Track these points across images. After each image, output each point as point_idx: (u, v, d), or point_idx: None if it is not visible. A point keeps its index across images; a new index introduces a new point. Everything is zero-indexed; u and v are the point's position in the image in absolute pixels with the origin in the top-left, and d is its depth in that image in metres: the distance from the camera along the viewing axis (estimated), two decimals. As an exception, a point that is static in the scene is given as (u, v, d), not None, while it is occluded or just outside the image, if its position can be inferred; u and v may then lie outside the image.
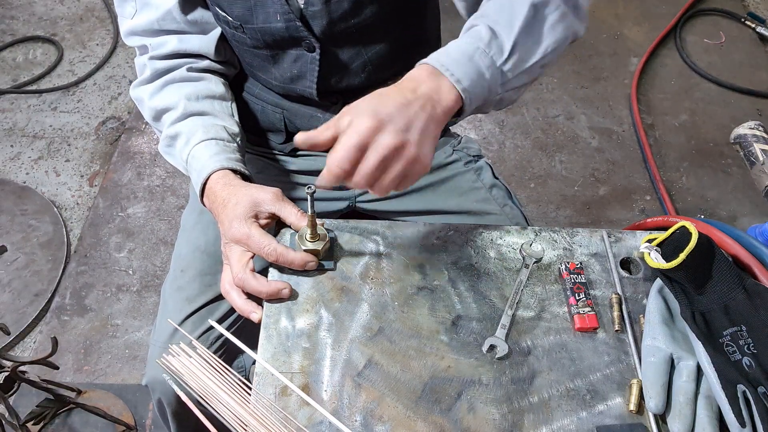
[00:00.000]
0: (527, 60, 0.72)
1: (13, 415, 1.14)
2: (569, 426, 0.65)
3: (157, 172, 2.05)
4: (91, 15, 2.56)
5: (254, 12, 0.82)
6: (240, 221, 0.73)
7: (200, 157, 0.80)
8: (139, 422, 1.47)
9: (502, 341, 0.70)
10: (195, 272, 0.94)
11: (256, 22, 0.83)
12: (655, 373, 0.66)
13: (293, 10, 0.81)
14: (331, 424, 0.63)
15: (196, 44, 0.87)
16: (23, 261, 1.79)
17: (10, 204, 1.92)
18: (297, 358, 0.68)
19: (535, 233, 0.81)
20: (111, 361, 1.62)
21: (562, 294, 0.76)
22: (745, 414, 0.61)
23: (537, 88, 2.37)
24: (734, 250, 0.76)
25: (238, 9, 0.82)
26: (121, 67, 2.36)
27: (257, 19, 0.82)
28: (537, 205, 2.02)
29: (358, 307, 0.73)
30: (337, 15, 0.82)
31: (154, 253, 1.84)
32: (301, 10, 0.82)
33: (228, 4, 0.82)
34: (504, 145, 2.19)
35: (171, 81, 0.87)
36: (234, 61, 0.95)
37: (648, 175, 2.10)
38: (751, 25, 2.58)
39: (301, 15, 0.82)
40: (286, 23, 0.82)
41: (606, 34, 2.59)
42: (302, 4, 0.81)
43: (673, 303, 0.73)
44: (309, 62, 0.87)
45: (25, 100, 2.24)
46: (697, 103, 2.34)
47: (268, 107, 0.98)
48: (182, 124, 0.84)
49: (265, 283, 0.71)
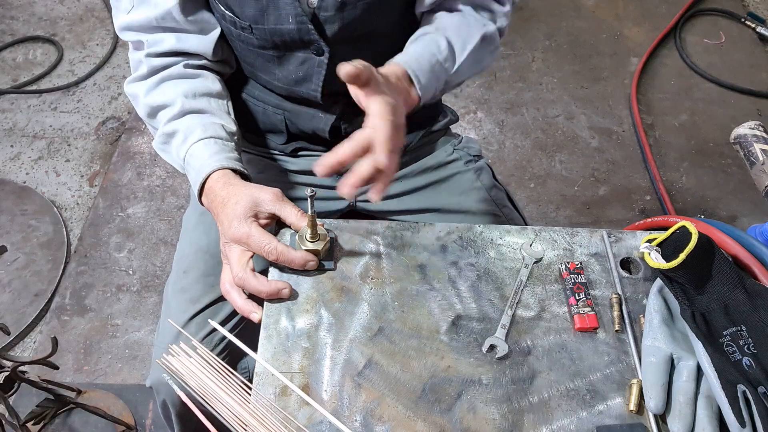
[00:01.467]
0: (465, 76, 0.88)
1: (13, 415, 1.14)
2: (569, 426, 0.65)
3: (157, 172, 2.05)
4: (91, 15, 2.56)
5: (266, 13, 0.81)
6: (240, 220, 0.73)
7: (199, 155, 0.80)
8: (139, 422, 1.47)
9: (502, 341, 0.70)
10: (198, 273, 0.93)
11: (268, 23, 0.82)
12: (655, 373, 0.66)
13: (306, 13, 0.81)
14: (331, 424, 0.63)
15: (195, 44, 0.87)
16: (23, 261, 1.79)
17: (10, 204, 1.92)
18: (297, 358, 0.68)
19: (535, 233, 0.81)
20: (111, 361, 1.62)
21: (562, 294, 0.76)
22: (745, 414, 0.61)
23: (537, 88, 2.37)
24: (734, 250, 0.76)
25: (250, 10, 0.82)
26: (121, 68, 2.36)
27: (269, 20, 0.82)
28: (537, 205, 2.02)
29: (358, 307, 0.73)
30: (348, 21, 0.83)
31: (154, 253, 1.84)
32: (313, 12, 0.82)
33: (239, 5, 0.82)
34: (504, 145, 2.19)
35: (168, 78, 0.86)
36: (231, 61, 0.95)
37: (648, 175, 2.10)
38: (751, 25, 2.58)
39: (313, 18, 0.82)
40: (298, 25, 0.82)
41: (606, 34, 2.59)
42: (315, 9, 0.82)
43: (673, 303, 0.73)
44: (316, 66, 0.87)
45: (25, 100, 2.24)
46: (697, 103, 2.34)
47: (269, 108, 0.98)
48: (179, 121, 0.83)
49: (265, 283, 0.71)
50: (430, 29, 0.85)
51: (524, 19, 2.63)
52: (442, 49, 0.82)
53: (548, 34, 2.58)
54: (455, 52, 0.84)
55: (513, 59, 2.48)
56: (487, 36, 0.87)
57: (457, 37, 0.84)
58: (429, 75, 0.79)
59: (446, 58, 0.82)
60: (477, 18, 0.87)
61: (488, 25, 0.88)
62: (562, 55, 2.51)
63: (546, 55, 2.50)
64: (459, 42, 0.84)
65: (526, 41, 2.55)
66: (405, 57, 0.80)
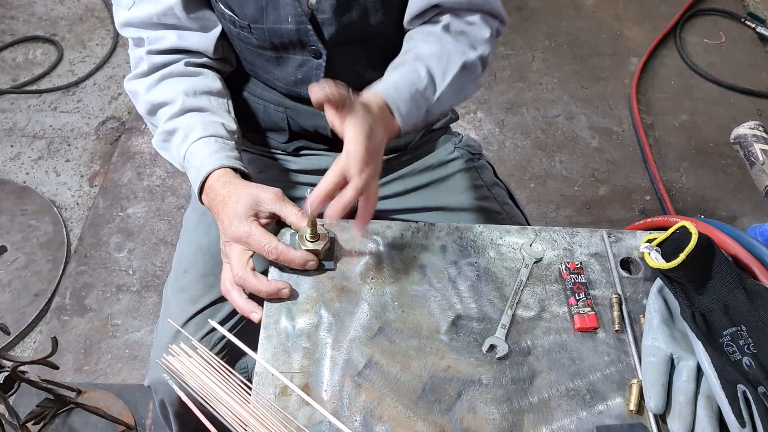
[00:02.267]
0: (446, 105, 0.87)
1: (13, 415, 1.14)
2: (569, 426, 0.65)
3: (157, 172, 2.05)
4: (91, 15, 2.56)
5: (266, 12, 0.81)
6: (240, 219, 0.73)
7: (199, 154, 0.80)
8: (139, 422, 1.47)
9: (502, 341, 0.70)
10: (198, 273, 0.93)
11: (267, 22, 0.82)
12: (655, 373, 0.66)
13: (305, 13, 0.81)
14: (331, 424, 0.63)
15: (196, 42, 0.86)
16: (23, 261, 1.79)
17: (10, 204, 1.92)
18: (297, 358, 0.68)
19: (535, 233, 0.81)
20: (111, 361, 1.62)
21: (562, 294, 0.76)
22: (745, 414, 0.61)
23: (537, 88, 2.37)
24: (734, 250, 0.76)
25: (250, 9, 0.82)
26: (122, 67, 2.36)
27: (268, 20, 0.82)
28: (537, 205, 2.02)
29: (358, 307, 0.73)
30: (345, 23, 0.83)
31: (154, 253, 1.84)
32: (312, 13, 0.82)
33: (239, 4, 0.82)
34: (504, 145, 2.19)
35: (168, 75, 0.86)
36: (231, 59, 0.95)
37: (648, 175, 2.10)
38: (751, 25, 2.58)
39: (311, 19, 0.82)
40: (297, 26, 0.82)
41: (606, 34, 2.59)
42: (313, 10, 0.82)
43: (673, 303, 0.73)
44: (314, 68, 0.87)
45: (25, 100, 2.24)
46: (697, 103, 2.34)
47: (271, 106, 0.98)
48: (180, 119, 0.83)
49: (265, 282, 0.71)
50: (409, 58, 0.83)
51: (524, 19, 2.63)
52: (422, 77, 0.80)
53: (548, 34, 2.58)
54: (435, 81, 0.82)
55: (513, 59, 2.48)
56: (468, 64, 0.85)
57: (437, 66, 0.83)
58: (410, 104, 0.78)
59: (426, 87, 0.81)
60: (456, 46, 0.85)
61: (468, 53, 0.86)
62: (562, 55, 2.51)
63: (546, 55, 2.50)
64: (439, 70, 0.83)
65: (526, 41, 2.55)
66: (384, 86, 0.78)
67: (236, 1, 0.82)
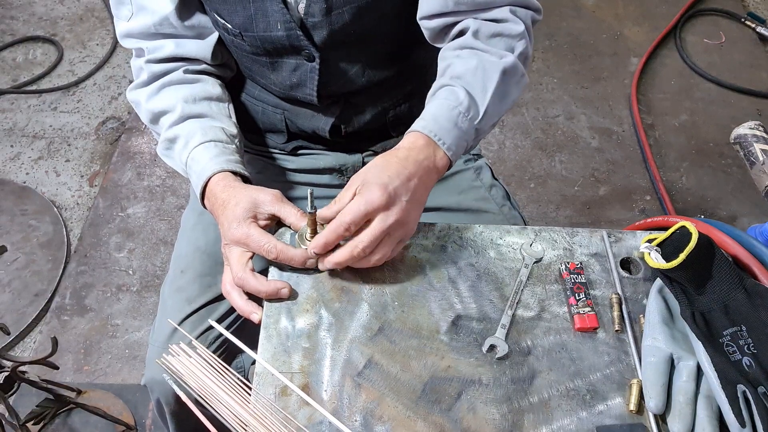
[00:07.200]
0: (496, 116, 0.81)
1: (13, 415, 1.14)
2: (569, 426, 0.65)
3: (157, 172, 2.05)
4: (91, 15, 2.56)
5: (255, 20, 0.82)
6: (239, 222, 0.73)
7: (200, 159, 0.80)
8: (139, 422, 1.47)
9: (502, 341, 0.70)
10: (195, 273, 0.94)
11: (257, 30, 0.83)
12: (655, 373, 0.66)
13: (294, 19, 0.81)
14: (331, 424, 0.63)
15: (193, 49, 0.87)
16: (23, 261, 1.79)
17: (10, 204, 1.92)
18: (297, 358, 0.68)
19: (535, 233, 0.81)
20: (111, 361, 1.62)
21: (562, 294, 0.76)
22: (745, 414, 0.61)
23: (537, 88, 2.37)
24: (734, 250, 0.76)
25: (238, 18, 0.82)
26: (121, 67, 2.36)
27: (257, 27, 0.82)
28: (537, 205, 2.02)
29: (358, 307, 0.73)
30: (337, 26, 0.82)
31: (154, 253, 1.84)
32: (301, 19, 0.82)
33: (228, 13, 0.82)
34: (504, 145, 2.19)
35: (168, 83, 0.87)
36: (231, 64, 0.95)
37: (648, 175, 2.10)
38: (751, 25, 2.58)
39: (301, 24, 0.82)
40: (287, 32, 0.82)
41: (606, 34, 2.59)
42: (302, 15, 0.81)
43: (673, 303, 0.73)
44: (309, 71, 0.88)
45: (25, 100, 2.24)
46: (697, 103, 2.34)
47: (269, 108, 0.98)
48: (180, 126, 0.84)
49: (264, 283, 0.71)
50: (445, 80, 0.79)
51: (524, 19, 2.63)
52: (461, 98, 0.76)
53: (548, 34, 2.58)
54: (476, 98, 0.77)
55: (513, 59, 2.48)
56: (508, 69, 0.79)
57: (474, 81, 0.77)
58: (454, 132, 0.75)
59: (468, 107, 0.76)
60: (492, 52, 0.79)
61: (505, 57, 0.79)
62: (562, 55, 2.51)
63: (546, 55, 2.50)
64: (478, 85, 0.77)
65: (526, 41, 2.55)
66: (423, 122, 0.75)
67: (225, 10, 0.82)
